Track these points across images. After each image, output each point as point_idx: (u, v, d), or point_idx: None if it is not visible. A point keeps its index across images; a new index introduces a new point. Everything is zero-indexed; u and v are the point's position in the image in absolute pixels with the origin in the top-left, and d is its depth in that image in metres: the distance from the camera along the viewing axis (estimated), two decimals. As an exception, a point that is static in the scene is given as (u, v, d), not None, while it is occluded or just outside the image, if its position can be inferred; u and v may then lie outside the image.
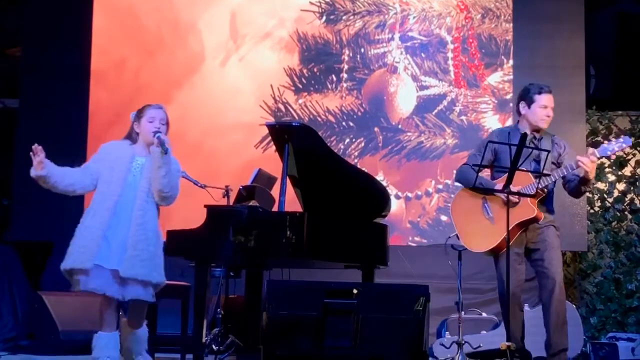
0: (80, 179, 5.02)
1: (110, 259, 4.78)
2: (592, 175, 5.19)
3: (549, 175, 5.15)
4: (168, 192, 4.91)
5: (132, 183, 4.94)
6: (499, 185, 5.17)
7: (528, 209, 5.17)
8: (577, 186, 5.30)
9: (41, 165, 4.97)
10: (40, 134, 8.31)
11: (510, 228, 5.07)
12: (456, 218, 5.48)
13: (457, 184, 5.83)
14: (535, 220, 5.22)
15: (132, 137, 5.12)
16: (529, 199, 5.15)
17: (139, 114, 5.15)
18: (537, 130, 5.39)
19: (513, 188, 5.04)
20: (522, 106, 5.43)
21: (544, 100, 5.39)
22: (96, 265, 4.79)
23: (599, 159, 5.24)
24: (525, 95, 5.44)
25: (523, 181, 5.15)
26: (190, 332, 5.66)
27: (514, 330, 5.20)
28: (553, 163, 5.31)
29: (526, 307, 5.78)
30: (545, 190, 5.26)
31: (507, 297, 5.13)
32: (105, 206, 4.89)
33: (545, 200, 5.33)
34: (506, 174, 5.08)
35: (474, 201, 5.34)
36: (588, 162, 5.10)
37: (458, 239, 5.53)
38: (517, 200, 5.17)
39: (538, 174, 5.11)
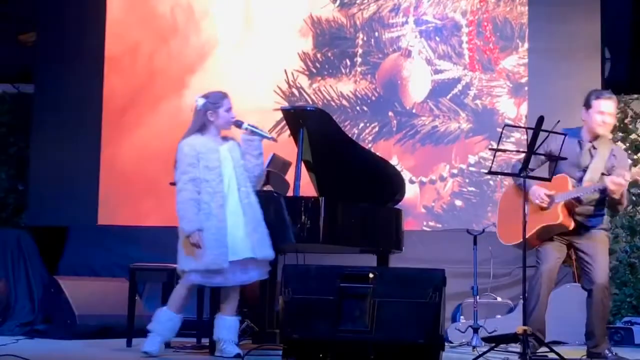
0: (199, 200, 5.01)
1: (239, 250, 4.93)
2: (616, 195, 5.09)
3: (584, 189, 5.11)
4: (262, 173, 5.22)
5: (227, 173, 5.06)
6: (535, 186, 5.16)
7: (554, 214, 5.11)
8: (609, 202, 5.26)
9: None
10: (55, 119, 8.38)
11: (537, 229, 5.12)
12: (499, 211, 5.52)
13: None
14: (562, 227, 5.15)
15: (203, 127, 5.16)
16: (559, 205, 5.10)
17: (215, 104, 5.18)
18: (596, 136, 5.33)
19: (547, 191, 5.05)
20: (583, 111, 5.38)
21: (602, 106, 5.31)
22: (232, 263, 4.92)
23: (618, 184, 5.12)
24: (586, 100, 5.39)
25: (559, 186, 5.10)
26: (206, 317, 5.67)
27: (540, 309, 5.19)
28: (603, 174, 5.19)
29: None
30: (579, 201, 5.17)
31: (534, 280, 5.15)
32: (217, 204, 4.98)
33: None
34: (555, 177, 5.03)
35: (516, 198, 5.32)
36: (611, 185, 5.06)
37: (495, 227, 5.55)
38: (547, 206, 5.14)
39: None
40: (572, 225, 5.17)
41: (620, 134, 8.53)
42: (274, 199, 5.44)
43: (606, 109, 5.33)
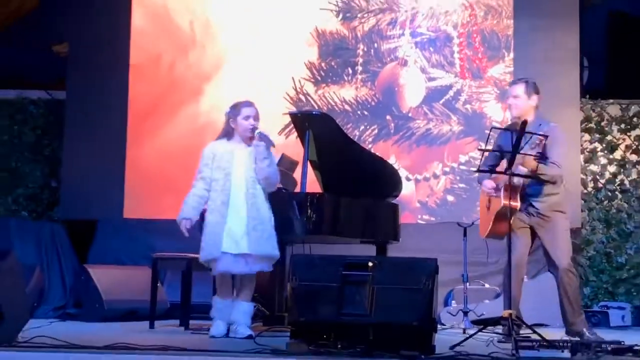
0: (205, 196, 5.12)
1: (236, 245, 4.96)
2: (528, 165, 5.03)
3: (537, 157, 5.01)
4: (272, 179, 5.11)
5: (238, 175, 5.06)
6: (485, 180, 5.26)
7: (500, 200, 5.09)
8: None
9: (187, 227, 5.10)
10: (85, 123, 8.40)
11: (494, 216, 5.15)
12: (480, 209, 5.56)
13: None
14: (508, 208, 5.01)
15: (228, 133, 5.20)
16: (502, 191, 5.05)
17: (235, 112, 5.19)
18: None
19: (492, 182, 5.15)
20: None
21: (509, 91, 5.42)
22: (223, 253, 4.96)
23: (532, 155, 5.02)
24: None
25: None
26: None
27: (515, 296, 5.17)
28: (535, 157, 5.03)
29: (525, 278, 5.74)
30: (517, 186, 5.07)
31: (509, 268, 5.14)
32: (221, 201, 5.03)
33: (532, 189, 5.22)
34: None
35: (484, 196, 5.35)
36: (521, 169, 5.03)
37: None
38: (495, 194, 5.17)
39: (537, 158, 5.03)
40: (518, 205, 5.06)
41: (597, 135, 8.52)
42: (282, 194, 5.45)
43: (512, 92, 5.35)
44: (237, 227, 4.98)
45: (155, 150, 8.32)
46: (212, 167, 5.10)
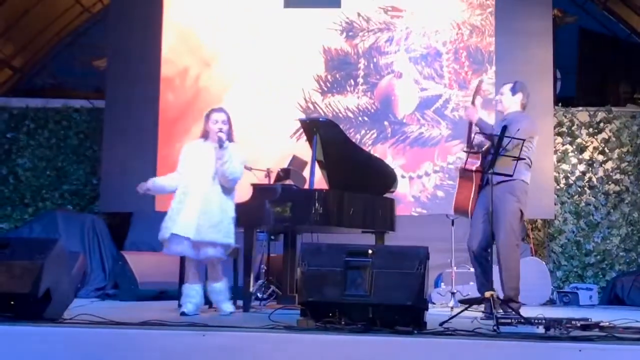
0: (172, 184, 5.15)
1: (185, 228, 4.90)
2: (468, 117, 5.24)
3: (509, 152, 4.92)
4: (228, 176, 5.02)
5: (202, 170, 5.03)
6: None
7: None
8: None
9: (142, 190, 5.17)
10: (122, 128, 8.41)
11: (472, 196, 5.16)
12: (461, 192, 5.46)
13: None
14: (467, 171, 5.15)
15: (205, 134, 5.19)
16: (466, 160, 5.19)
17: (207, 117, 5.18)
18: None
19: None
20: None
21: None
22: (173, 235, 4.91)
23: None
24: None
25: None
26: (241, 284, 5.70)
27: (483, 280, 5.12)
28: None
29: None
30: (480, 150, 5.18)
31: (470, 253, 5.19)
32: (182, 190, 5.03)
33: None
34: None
35: (467, 181, 5.34)
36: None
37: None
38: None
39: (517, 158, 4.92)
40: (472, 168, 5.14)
41: (569, 138, 8.50)
42: (293, 190, 5.45)
43: (500, 91, 5.47)
44: (189, 214, 4.91)
45: (183, 152, 8.31)
46: (183, 162, 5.12)
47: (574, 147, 8.49)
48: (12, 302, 4.03)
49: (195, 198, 4.96)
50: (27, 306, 4.03)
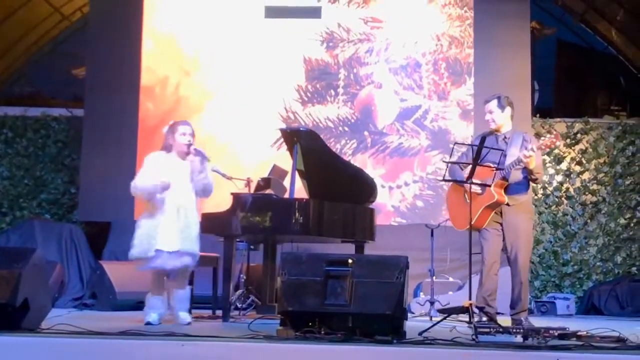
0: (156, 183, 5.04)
1: (170, 243, 4.90)
2: (530, 165, 5.08)
3: (502, 169, 5.09)
4: (208, 189, 5.08)
5: (174, 184, 4.99)
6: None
7: (490, 195, 5.10)
8: (527, 175, 5.25)
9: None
10: (101, 137, 8.37)
11: (481, 210, 5.09)
12: (448, 205, 5.48)
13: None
14: (498, 203, 5.12)
15: (166, 147, 5.12)
16: (492, 187, 5.06)
17: (173, 130, 5.12)
18: (497, 130, 5.34)
19: (475, 180, 4.97)
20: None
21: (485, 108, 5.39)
22: (157, 250, 4.89)
23: (529, 156, 5.05)
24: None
25: (486, 174, 5.04)
26: (220, 293, 5.68)
27: (489, 288, 5.16)
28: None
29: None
30: (506, 179, 5.12)
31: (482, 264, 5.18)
32: (156, 207, 4.98)
33: (510, 188, 5.17)
34: (481, 167, 4.99)
35: (458, 193, 5.30)
36: (523, 157, 5.05)
37: (448, 220, 5.50)
38: (480, 191, 5.12)
39: (496, 168, 5.03)
40: (505, 200, 5.12)
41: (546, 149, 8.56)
42: (273, 200, 5.45)
43: (486, 109, 5.35)
44: (171, 229, 4.91)
45: (162, 161, 8.28)
46: (154, 172, 4.99)
47: (552, 157, 8.56)
48: (-11, 312, 3.99)
49: (172, 211, 4.95)
50: (4, 316, 3.99)
